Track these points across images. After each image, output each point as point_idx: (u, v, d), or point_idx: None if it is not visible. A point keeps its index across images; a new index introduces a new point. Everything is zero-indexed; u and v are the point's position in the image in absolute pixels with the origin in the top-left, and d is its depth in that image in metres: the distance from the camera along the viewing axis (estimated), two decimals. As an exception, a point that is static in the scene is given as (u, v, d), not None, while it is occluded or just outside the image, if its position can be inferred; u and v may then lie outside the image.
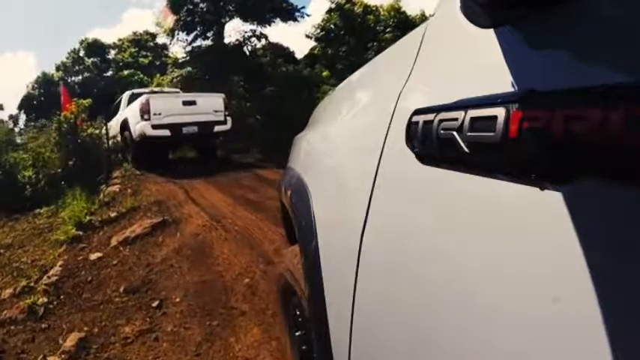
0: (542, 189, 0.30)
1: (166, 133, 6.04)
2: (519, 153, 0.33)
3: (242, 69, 11.74)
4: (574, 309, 0.28)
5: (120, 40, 24.11)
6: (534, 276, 0.31)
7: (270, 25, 12.38)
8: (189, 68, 11.63)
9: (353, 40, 12.84)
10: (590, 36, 0.31)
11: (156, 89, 9.17)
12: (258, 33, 12.57)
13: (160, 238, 3.32)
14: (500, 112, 0.35)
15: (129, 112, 6.63)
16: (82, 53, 22.58)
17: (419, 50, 0.59)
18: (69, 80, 21.70)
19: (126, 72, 19.88)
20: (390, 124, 0.57)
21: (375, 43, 12.13)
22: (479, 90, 0.39)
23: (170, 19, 12.06)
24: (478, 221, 0.37)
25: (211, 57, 11.32)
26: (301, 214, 0.91)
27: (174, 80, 11.62)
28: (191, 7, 11.39)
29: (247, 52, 12.38)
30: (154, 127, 5.95)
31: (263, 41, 12.57)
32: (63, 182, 5.82)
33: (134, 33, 24.20)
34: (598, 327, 0.26)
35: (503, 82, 0.37)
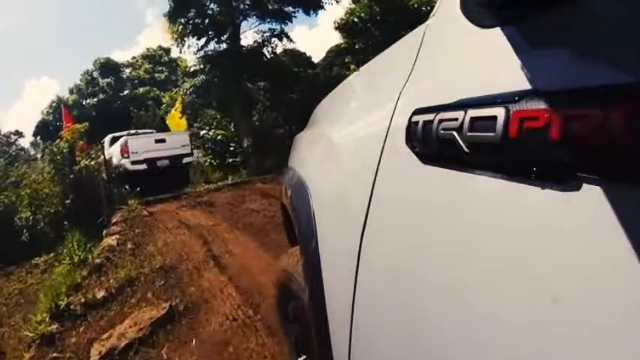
0: (542, 189, 0.30)
1: (143, 166, 7.52)
2: (519, 153, 0.33)
3: (263, 73, 10.53)
4: (574, 308, 0.28)
5: (133, 57, 23.78)
6: (534, 276, 0.31)
7: (291, 21, 10.82)
8: (202, 76, 10.46)
9: (384, 30, 11.05)
10: (590, 36, 0.31)
11: (132, 131, 10.01)
12: (278, 32, 10.80)
13: (162, 351, 1.95)
14: (500, 112, 0.35)
15: (112, 151, 7.99)
16: (95, 74, 22.20)
17: (419, 50, 0.58)
18: (84, 102, 21.22)
19: (142, 89, 19.51)
20: (390, 124, 0.57)
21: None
22: (479, 90, 0.39)
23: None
24: (478, 221, 0.37)
25: (227, 62, 10.06)
26: (301, 214, 0.91)
27: (188, 92, 10.49)
28: (200, 7, 10.00)
29: (267, 55, 10.98)
30: (133, 162, 7.40)
31: (285, 41, 10.95)
32: (66, 223, 5.20)
33: (147, 49, 23.96)
34: (598, 326, 0.26)
35: (503, 82, 0.37)
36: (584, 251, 0.27)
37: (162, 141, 7.98)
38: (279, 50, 11.08)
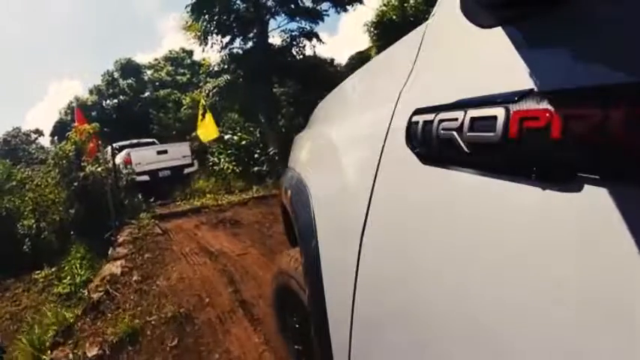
0: (542, 189, 0.30)
1: (146, 178, 7.44)
2: (519, 153, 0.33)
3: (294, 73, 9.89)
4: (574, 308, 0.28)
5: (155, 59, 23.28)
6: (534, 275, 0.31)
7: (322, 19, 9.94)
8: (227, 76, 9.68)
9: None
10: (590, 36, 0.31)
11: (134, 141, 9.69)
12: (307, 31, 9.88)
13: None
14: (500, 112, 0.35)
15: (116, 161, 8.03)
16: (116, 75, 21.78)
17: (419, 50, 0.59)
18: (104, 104, 20.75)
19: (163, 92, 19.05)
20: (390, 124, 0.57)
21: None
22: (479, 90, 0.39)
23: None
24: (478, 221, 0.37)
25: (254, 61, 9.24)
26: (301, 215, 0.91)
27: (211, 94, 9.67)
28: (226, 3, 9.09)
29: (296, 55, 10.13)
30: (136, 174, 7.17)
31: (314, 41, 10.12)
32: (72, 233, 4.76)
33: (170, 51, 23.35)
34: (598, 326, 0.26)
35: (503, 82, 0.37)
36: (584, 251, 0.27)
37: (164, 152, 8.14)
38: (307, 52, 10.35)
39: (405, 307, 0.48)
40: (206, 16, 9.19)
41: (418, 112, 0.49)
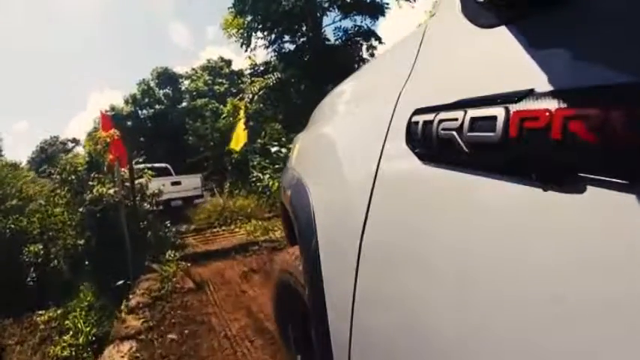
0: (542, 189, 0.30)
1: (160, 207, 7.20)
2: (519, 153, 0.33)
3: (348, 75, 9.17)
4: (574, 308, 0.28)
5: (193, 69, 22.82)
6: (534, 275, 0.31)
7: (383, 14, 8.94)
8: (277, 75, 8.75)
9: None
10: (590, 36, 0.31)
11: (148, 165, 9.11)
12: (364, 30, 8.84)
13: None
14: (500, 112, 0.35)
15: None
16: (152, 84, 21.36)
17: (419, 50, 0.59)
18: (139, 113, 20.33)
19: (200, 101, 18.63)
20: (390, 124, 0.57)
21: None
22: (479, 90, 0.39)
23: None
24: (478, 221, 0.37)
25: (306, 60, 8.45)
26: (301, 215, 0.91)
27: (256, 97, 8.64)
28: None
29: (352, 54, 9.25)
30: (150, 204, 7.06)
31: (373, 41, 9.21)
32: (87, 263, 3.93)
33: (207, 60, 22.93)
34: (598, 326, 0.26)
35: (503, 82, 0.37)
36: (584, 251, 0.27)
37: (178, 183, 8.60)
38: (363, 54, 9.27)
39: (405, 307, 0.48)
40: (250, 13, 8.36)
41: (418, 112, 0.49)
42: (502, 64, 0.39)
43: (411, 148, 0.49)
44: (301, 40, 8.92)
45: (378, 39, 9.25)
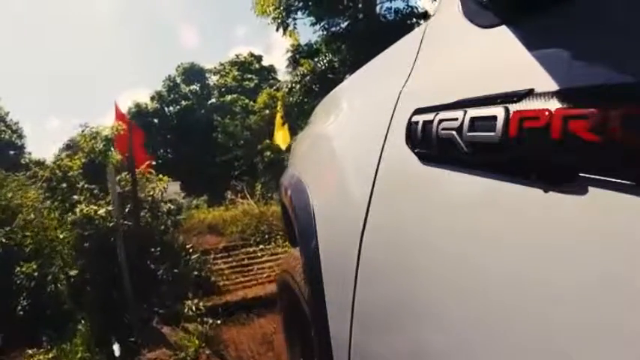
0: (543, 190, 0.30)
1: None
2: (519, 153, 0.33)
3: None
4: (574, 309, 0.27)
5: (221, 64, 21.65)
6: (534, 276, 0.31)
7: None
8: (329, 56, 7.34)
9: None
10: (590, 36, 0.31)
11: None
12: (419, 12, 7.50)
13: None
14: (500, 112, 0.34)
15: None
16: (178, 80, 20.40)
17: (419, 50, 0.58)
18: (165, 110, 19.19)
19: (229, 97, 17.69)
20: (390, 124, 0.57)
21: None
22: (479, 90, 0.39)
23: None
24: (478, 221, 0.37)
25: (358, 41, 7.01)
26: (301, 215, 0.91)
27: (297, 86, 7.22)
28: None
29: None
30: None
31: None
32: (88, 288, 3.16)
33: (236, 55, 21.71)
34: (598, 326, 0.26)
35: (503, 81, 0.37)
36: (584, 251, 0.27)
37: None
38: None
39: (405, 307, 0.48)
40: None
41: (418, 112, 0.49)
42: (502, 64, 0.39)
43: (411, 148, 0.49)
44: (354, 17, 7.63)
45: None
